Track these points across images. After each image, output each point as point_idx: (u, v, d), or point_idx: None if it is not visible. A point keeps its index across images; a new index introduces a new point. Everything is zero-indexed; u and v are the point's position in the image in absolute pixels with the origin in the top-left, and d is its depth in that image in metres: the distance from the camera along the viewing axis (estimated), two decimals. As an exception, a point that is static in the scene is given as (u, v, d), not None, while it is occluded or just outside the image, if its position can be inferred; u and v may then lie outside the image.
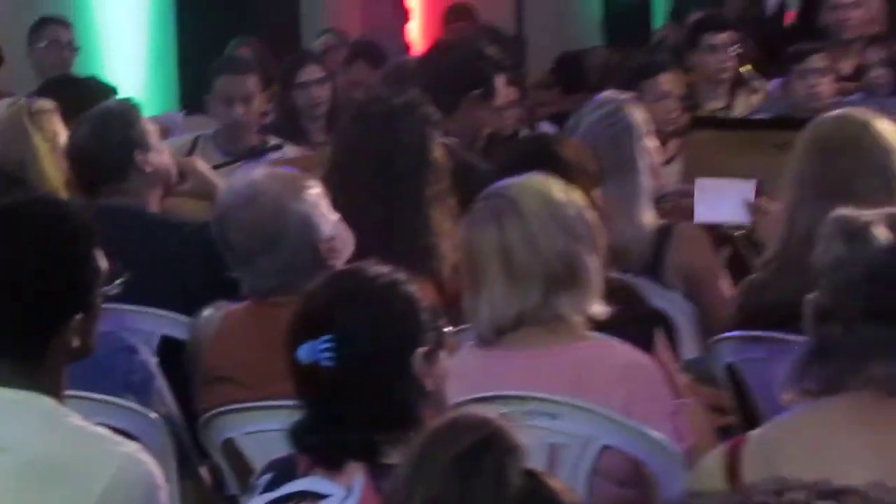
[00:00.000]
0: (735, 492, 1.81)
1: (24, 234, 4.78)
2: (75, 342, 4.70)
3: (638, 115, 8.57)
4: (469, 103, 9.98)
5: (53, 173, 8.44)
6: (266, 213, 6.53)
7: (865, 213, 4.50)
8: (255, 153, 11.71)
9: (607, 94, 9.35)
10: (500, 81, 10.61)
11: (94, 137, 7.96)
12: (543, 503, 3.34)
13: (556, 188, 5.94)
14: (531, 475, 3.37)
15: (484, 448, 3.32)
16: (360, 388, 4.58)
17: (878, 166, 6.35)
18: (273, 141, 12.28)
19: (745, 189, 8.44)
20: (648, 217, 7.95)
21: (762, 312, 6.14)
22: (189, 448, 6.47)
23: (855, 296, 4.26)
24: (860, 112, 7.23)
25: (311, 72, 13.39)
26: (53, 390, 4.75)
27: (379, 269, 4.94)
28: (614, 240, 7.03)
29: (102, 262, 4.98)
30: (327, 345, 4.59)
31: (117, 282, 5.27)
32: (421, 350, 4.68)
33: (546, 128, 11.73)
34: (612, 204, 7.32)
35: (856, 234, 4.32)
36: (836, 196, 5.32)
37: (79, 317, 4.71)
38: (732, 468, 4.40)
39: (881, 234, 4.29)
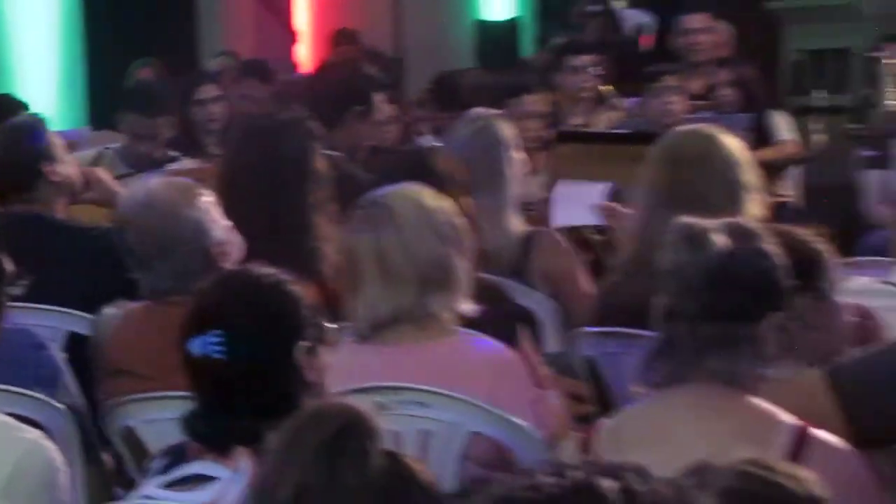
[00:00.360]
0: (521, 476, 1.80)
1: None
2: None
3: (506, 130, 8.64)
4: (350, 118, 10.05)
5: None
6: (162, 219, 6.51)
7: (706, 221, 4.53)
8: (155, 165, 11.36)
9: (479, 111, 9.41)
10: (379, 99, 10.70)
11: (3, 149, 7.92)
12: (403, 482, 3.33)
13: (429, 196, 5.96)
14: (392, 456, 3.38)
15: (347, 433, 3.33)
16: (247, 380, 4.58)
17: (722, 178, 6.40)
18: (172, 154, 12.13)
19: (598, 193, 8.55)
20: (515, 224, 7.99)
21: (617, 310, 6.19)
22: (92, 436, 6.38)
23: (695, 297, 4.33)
24: (708, 128, 7.28)
25: (208, 90, 13.27)
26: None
27: (265, 270, 4.94)
28: (484, 244, 7.08)
29: (7, 265, 4.98)
30: (217, 339, 4.58)
31: (21, 283, 5.28)
32: (303, 344, 4.68)
33: (423, 142, 11.73)
34: (482, 211, 7.37)
35: (696, 239, 4.37)
36: (683, 205, 5.35)
37: None
38: (586, 453, 4.42)
39: (719, 240, 4.34)
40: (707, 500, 1.90)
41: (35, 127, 8.24)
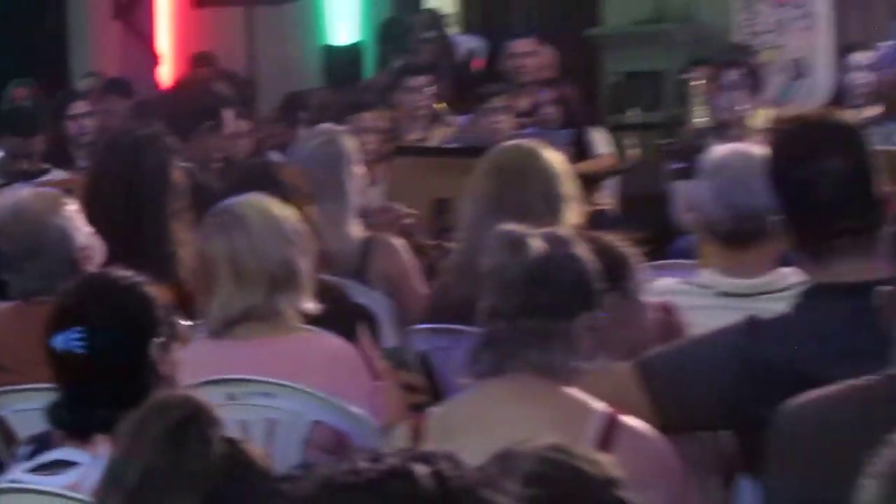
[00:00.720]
0: (343, 460, 1.82)
1: None
2: None
3: (349, 144, 8.67)
4: (202, 133, 10.03)
5: None
6: (29, 226, 6.50)
7: (525, 228, 4.57)
8: (28, 177, 11.30)
9: (323, 126, 9.54)
10: (228, 115, 10.74)
11: None
12: (242, 465, 3.38)
13: (275, 205, 6.00)
14: (231, 442, 3.45)
15: (189, 421, 3.36)
16: (105, 372, 4.59)
17: (542, 189, 6.42)
18: (44, 167, 12.20)
19: None
20: (355, 230, 8.04)
21: (446, 309, 6.21)
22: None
23: (514, 296, 4.36)
24: (531, 143, 7.35)
25: (78, 107, 13.49)
26: None
27: (123, 273, 4.94)
28: (326, 248, 7.17)
29: None
30: (78, 335, 4.59)
31: None
32: (157, 340, 4.68)
33: (273, 156, 11.72)
34: (325, 218, 7.44)
35: (515, 244, 4.39)
36: (507, 213, 5.39)
37: None
38: (417, 438, 4.46)
39: (536, 245, 4.37)
40: (511, 485, 1.90)
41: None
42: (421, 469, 1.76)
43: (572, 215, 6.52)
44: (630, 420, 4.35)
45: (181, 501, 3.26)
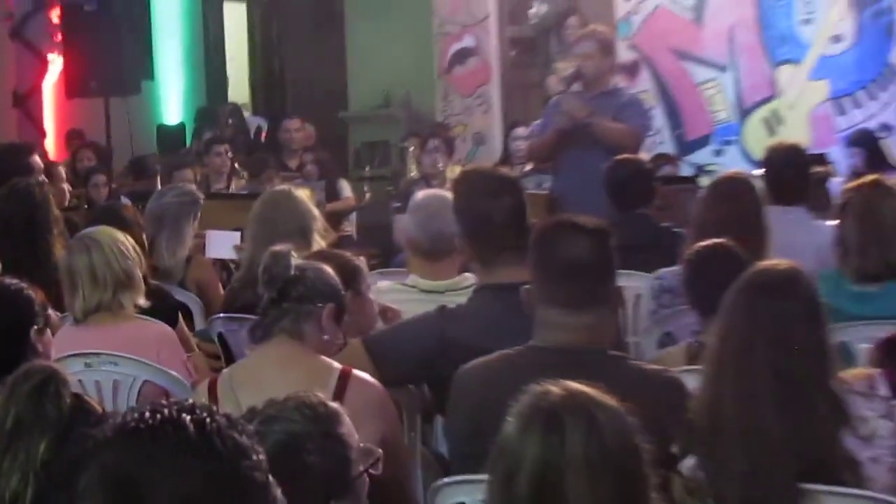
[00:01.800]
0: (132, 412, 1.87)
1: None
2: None
3: (188, 195, 8.46)
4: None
5: None
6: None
7: (286, 247, 4.62)
8: None
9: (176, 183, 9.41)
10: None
11: None
12: (85, 413, 3.43)
13: (118, 234, 5.93)
14: (77, 397, 3.55)
15: (48, 381, 3.38)
16: (-1, 350, 4.51)
17: (297, 221, 6.44)
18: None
19: (234, 237, 8.25)
20: (183, 252, 7.65)
21: (236, 304, 6.20)
22: None
23: (279, 288, 4.40)
24: (292, 188, 7.26)
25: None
26: None
27: (10, 280, 4.87)
28: (162, 264, 7.24)
29: None
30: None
31: None
32: (35, 327, 4.63)
33: (123, 200, 11.51)
34: (165, 244, 7.36)
35: (279, 256, 4.45)
36: (273, 239, 5.37)
37: None
38: (212, 393, 4.46)
39: (295, 259, 4.50)
40: (251, 426, 1.97)
41: None
42: (186, 417, 1.80)
43: (320, 239, 6.51)
44: (359, 373, 4.37)
45: (42, 440, 3.24)
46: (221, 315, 6.45)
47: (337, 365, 4.37)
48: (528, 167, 9.62)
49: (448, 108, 15.71)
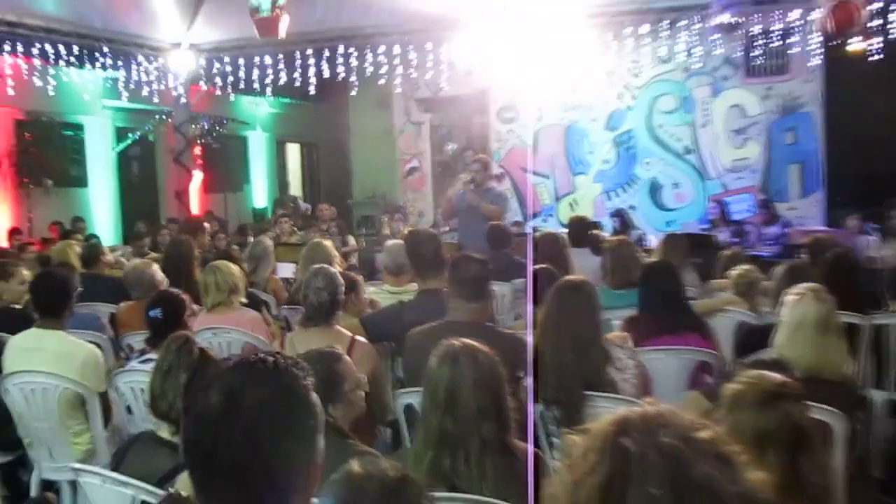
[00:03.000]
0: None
1: None
2: None
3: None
4: None
5: None
6: None
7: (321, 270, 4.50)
8: None
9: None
10: None
11: None
12: (207, 359, 3.21)
13: (231, 264, 5.56)
14: (202, 350, 3.29)
15: (187, 341, 3.26)
16: None
17: (324, 258, 5.96)
18: None
19: (291, 266, 7.50)
20: (265, 273, 7.02)
21: (292, 301, 6.02)
22: None
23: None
24: (322, 241, 6.99)
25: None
26: None
27: (173, 289, 4.72)
28: (253, 279, 6.65)
29: None
30: None
31: None
32: (186, 313, 4.52)
33: (235, 247, 11.19)
34: (255, 269, 6.81)
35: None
36: (311, 267, 5.20)
37: None
38: (281, 347, 4.32)
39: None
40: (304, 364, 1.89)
41: None
42: (269, 359, 1.71)
43: (337, 265, 5.92)
44: (360, 339, 4.29)
45: (184, 374, 3.11)
46: (285, 307, 6.29)
47: (349, 334, 4.29)
48: (446, 228, 9.56)
49: (405, 198, 15.68)
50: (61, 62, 11.58)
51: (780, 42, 11.71)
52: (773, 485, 2.01)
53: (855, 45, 10.24)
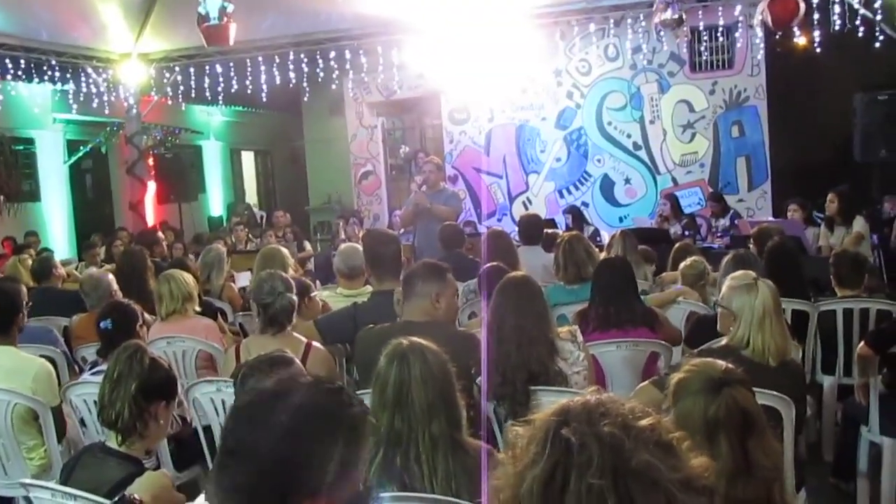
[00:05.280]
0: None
1: None
2: None
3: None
4: None
5: None
6: None
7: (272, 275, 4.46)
8: None
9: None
10: None
11: None
12: (158, 367, 3.14)
13: (184, 273, 5.49)
14: (153, 359, 3.17)
15: (136, 351, 3.16)
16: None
17: (279, 264, 5.90)
18: None
19: (247, 274, 7.41)
20: (220, 281, 6.90)
21: (247, 308, 5.90)
22: None
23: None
24: (279, 247, 6.94)
25: None
26: None
27: (125, 299, 4.66)
28: (208, 287, 6.68)
29: None
30: None
31: None
32: (138, 323, 4.46)
33: (191, 256, 11.08)
34: (209, 277, 6.75)
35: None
36: (266, 272, 5.15)
37: None
38: (236, 353, 4.26)
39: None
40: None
41: None
42: (323, 385, 1.66)
43: (292, 271, 6.04)
44: (315, 344, 4.22)
45: (133, 383, 3.01)
46: (240, 313, 6.23)
47: (304, 339, 4.23)
48: (402, 231, 9.51)
49: (360, 203, 15.58)
50: (9, 76, 11.37)
51: (724, 37, 11.84)
52: (723, 470, 2.04)
53: (799, 38, 10.39)
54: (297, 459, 1.52)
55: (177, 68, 12.60)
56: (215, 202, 18.07)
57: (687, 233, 9.96)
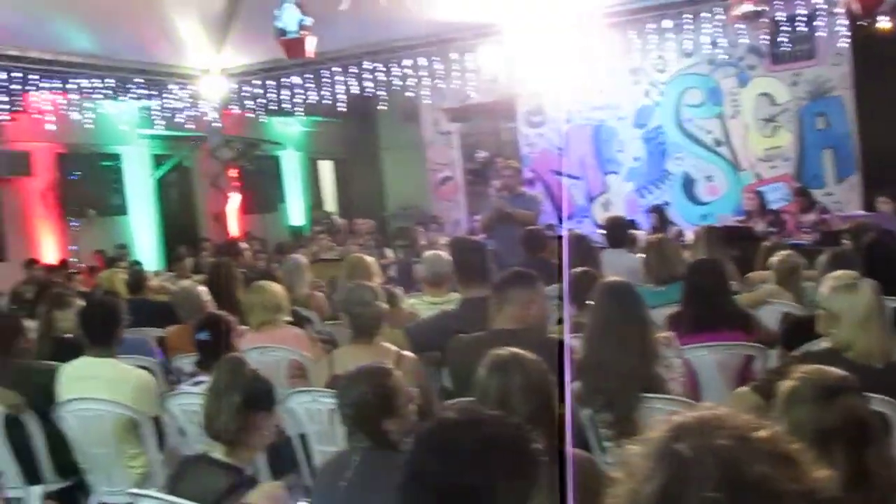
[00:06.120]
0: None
1: None
2: None
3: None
4: None
5: None
6: None
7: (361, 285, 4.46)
8: None
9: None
10: None
11: None
12: (258, 378, 3.18)
13: (273, 284, 5.57)
14: (253, 371, 3.21)
15: (239, 363, 3.20)
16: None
17: (364, 272, 5.88)
18: None
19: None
20: (303, 290, 6.90)
21: (333, 317, 6.01)
22: None
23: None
24: (362, 255, 6.94)
25: None
26: None
27: (219, 311, 4.73)
28: (294, 296, 6.71)
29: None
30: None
31: None
32: (232, 333, 4.53)
33: (274, 265, 11.22)
34: (294, 287, 6.52)
35: None
36: (353, 282, 5.23)
37: None
38: (329, 363, 4.32)
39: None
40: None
41: None
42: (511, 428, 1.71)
43: (376, 278, 5.93)
44: (405, 352, 4.22)
45: (236, 394, 3.06)
46: (328, 322, 6.25)
47: (394, 348, 4.24)
48: (482, 235, 9.51)
49: (438, 208, 15.66)
50: (97, 96, 11.73)
51: (806, 27, 11.54)
52: (839, 481, 1.98)
53: (883, 24, 10.07)
54: (481, 488, 1.55)
55: (256, 81, 12.84)
56: (295, 211, 18.32)
57: (772, 230, 9.75)
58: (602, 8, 10.72)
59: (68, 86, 11.26)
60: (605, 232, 7.04)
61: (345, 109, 12.82)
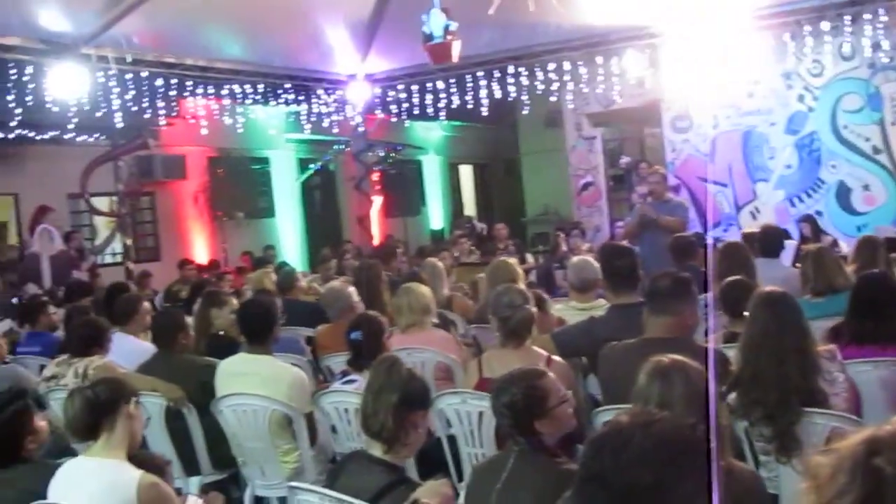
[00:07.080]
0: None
1: None
2: None
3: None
4: None
5: None
6: None
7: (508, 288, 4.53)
8: None
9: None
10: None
11: None
12: (413, 377, 3.26)
13: (421, 286, 5.65)
14: (409, 370, 3.28)
15: (395, 363, 3.28)
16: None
17: (508, 276, 5.89)
18: None
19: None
20: (445, 292, 7.10)
21: (480, 320, 6.01)
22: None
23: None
24: (506, 259, 6.96)
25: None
26: None
27: (370, 312, 4.81)
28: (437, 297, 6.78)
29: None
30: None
31: None
32: (384, 334, 4.64)
33: (416, 269, 11.37)
34: (436, 289, 6.60)
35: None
36: (497, 285, 5.23)
37: None
38: (478, 365, 4.35)
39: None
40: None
41: None
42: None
43: (521, 283, 5.65)
44: (555, 357, 4.21)
45: (393, 394, 3.12)
46: (474, 325, 6.29)
47: (544, 353, 4.25)
48: (624, 243, 9.40)
49: (579, 214, 15.56)
50: (248, 101, 12.24)
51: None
52: None
53: None
54: (656, 485, 1.55)
55: (400, 86, 13.08)
56: (435, 215, 18.58)
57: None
58: (754, 10, 10.43)
59: (221, 91, 11.79)
60: (760, 241, 6.84)
61: (486, 114, 12.90)
